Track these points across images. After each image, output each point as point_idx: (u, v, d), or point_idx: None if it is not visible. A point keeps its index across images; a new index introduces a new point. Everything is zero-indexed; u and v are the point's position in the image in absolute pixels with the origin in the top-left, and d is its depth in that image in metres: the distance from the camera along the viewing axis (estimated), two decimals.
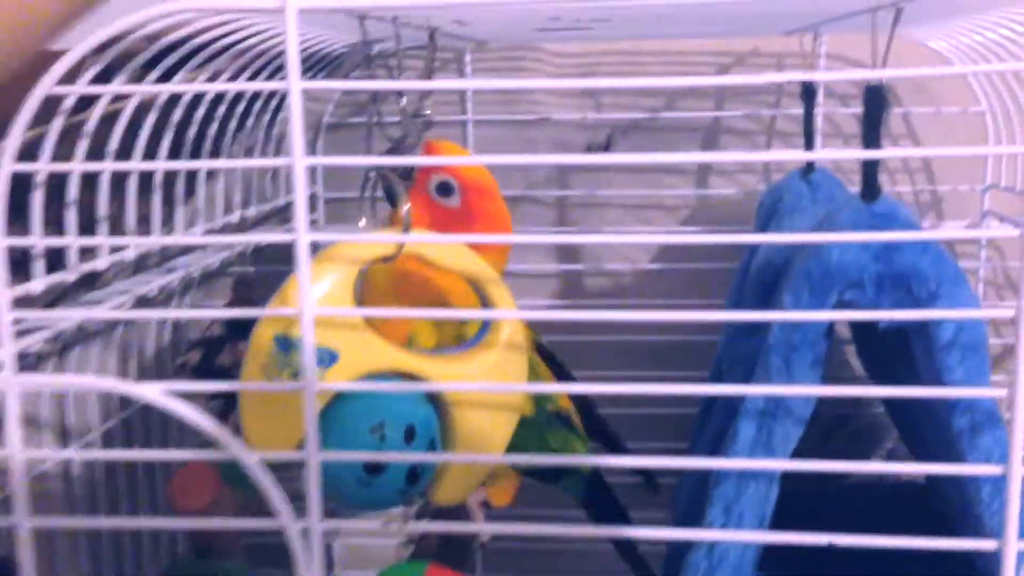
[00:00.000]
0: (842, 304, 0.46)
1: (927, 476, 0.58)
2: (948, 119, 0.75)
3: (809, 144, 0.68)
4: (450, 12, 0.44)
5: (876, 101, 0.47)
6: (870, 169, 0.48)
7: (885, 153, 0.48)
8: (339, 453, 0.38)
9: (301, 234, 0.36)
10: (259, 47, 0.49)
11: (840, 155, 0.41)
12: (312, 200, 0.75)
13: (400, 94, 0.47)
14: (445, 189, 0.49)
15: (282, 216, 0.72)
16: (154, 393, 0.38)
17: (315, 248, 0.38)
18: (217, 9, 0.38)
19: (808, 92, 0.68)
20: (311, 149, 0.75)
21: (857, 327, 0.63)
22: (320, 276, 0.39)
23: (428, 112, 0.50)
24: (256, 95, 0.57)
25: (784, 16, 0.59)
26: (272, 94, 0.60)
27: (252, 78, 0.51)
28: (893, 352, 0.56)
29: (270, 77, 0.54)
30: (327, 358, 0.39)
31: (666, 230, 0.78)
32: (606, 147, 0.77)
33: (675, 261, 0.78)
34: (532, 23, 0.56)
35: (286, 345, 0.38)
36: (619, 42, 0.76)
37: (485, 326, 0.43)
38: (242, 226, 0.61)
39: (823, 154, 0.46)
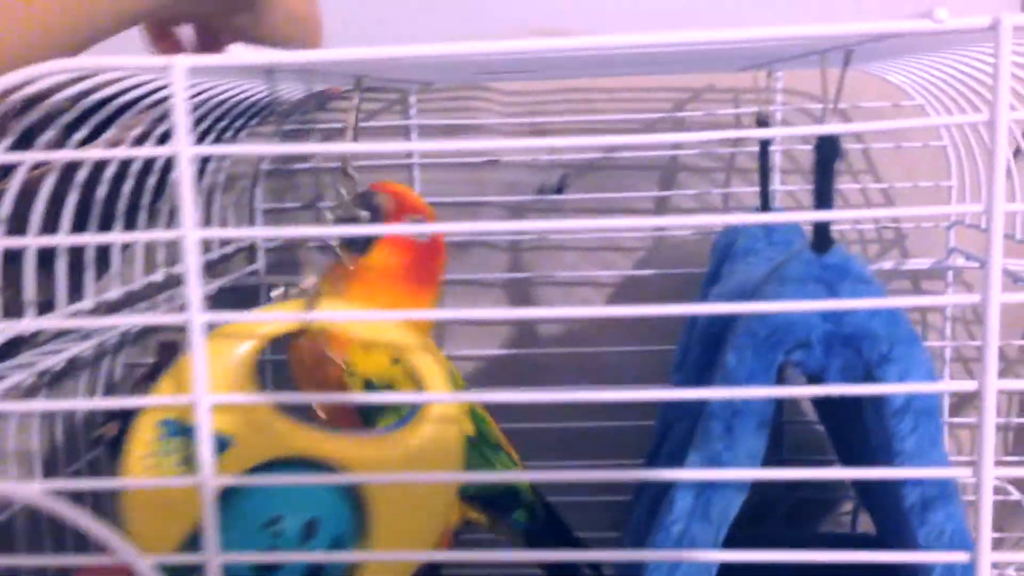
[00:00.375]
0: (789, 365, 0.43)
1: (882, 538, 0.55)
2: (910, 153, 0.73)
3: (765, 184, 0.65)
4: (358, 66, 0.41)
5: (828, 152, 0.45)
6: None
7: (839, 215, 0.46)
8: (240, 555, 0.35)
9: (194, 314, 0.33)
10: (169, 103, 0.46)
11: (794, 217, 0.39)
12: (252, 250, 0.72)
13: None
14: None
15: (219, 268, 0.69)
16: (33, 494, 0.35)
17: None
18: (98, 69, 0.35)
19: (763, 126, 0.65)
20: (249, 196, 0.72)
21: (808, 379, 0.60)
22: (218, 355, 0.36)
23: (351, 172, 0.47)
24: None
25: (735, 57, 0.57)
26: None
27: (165, 136, 0.49)
28: (845, 409, 0.54)
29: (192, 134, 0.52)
30: (219, 444, 0.36)
31: (622, 273, 0.76)
32: (559, 190, 0.74)
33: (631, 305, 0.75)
34: (466, 68, 0.53)
35: (173, 429, 0.35)
36: (572, 80, 0.74)
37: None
38: (169, 283, 0.58)
39: (775, 217, 0.44)
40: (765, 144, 0.65)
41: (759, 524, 0.75)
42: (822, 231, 0.46)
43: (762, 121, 0.65)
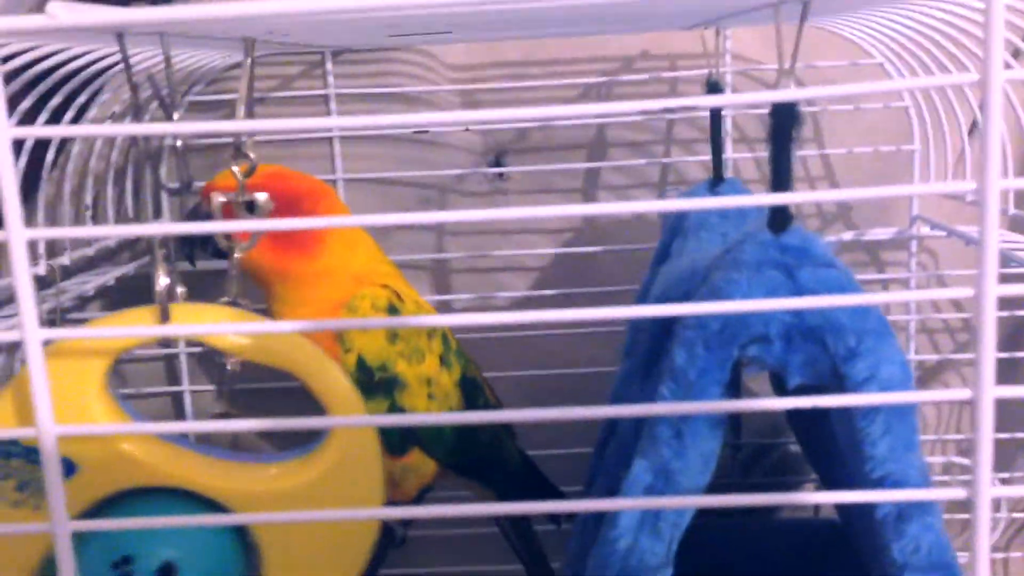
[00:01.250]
0: (745, 360, 0.38)
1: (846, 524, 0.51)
2: (868, 115, 0.68)
3: (717, 153, 0.60)
4: (227, 25, 0.35)
5: (785, 120, 0.40)
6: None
7: (800, 197, 0.41)
8: None
9: (29, 330, 0.27)
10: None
11: (752, 201, 0.34)
12: None
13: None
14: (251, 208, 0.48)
15: (122, 256, 0.62)
16: None
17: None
18: None
19: (714, 91, 0.60)
20: (154, 176, 0.65)
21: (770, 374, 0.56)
22: (63, 375, 0.30)
23: (251, 156, 0.41)
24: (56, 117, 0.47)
25: (682, 13, 0.51)
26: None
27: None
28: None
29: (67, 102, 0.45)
30: (63, 469, 0.30)
31: (564, 250, 0.70)
32: (498, 162, 0.68)
33: (564, 285, 0.69)
34: (372, 31, 0.47)
35: (6, 450, 0.30)
36: (505, 51, 0.67)
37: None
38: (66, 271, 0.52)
39: (731, 201, 0.38)
40: (716, 111, 0.60)
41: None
42: (779, 209, 0.41)
43: (713, 84, 0.60)
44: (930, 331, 0.75)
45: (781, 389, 0.55)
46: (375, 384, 0.50)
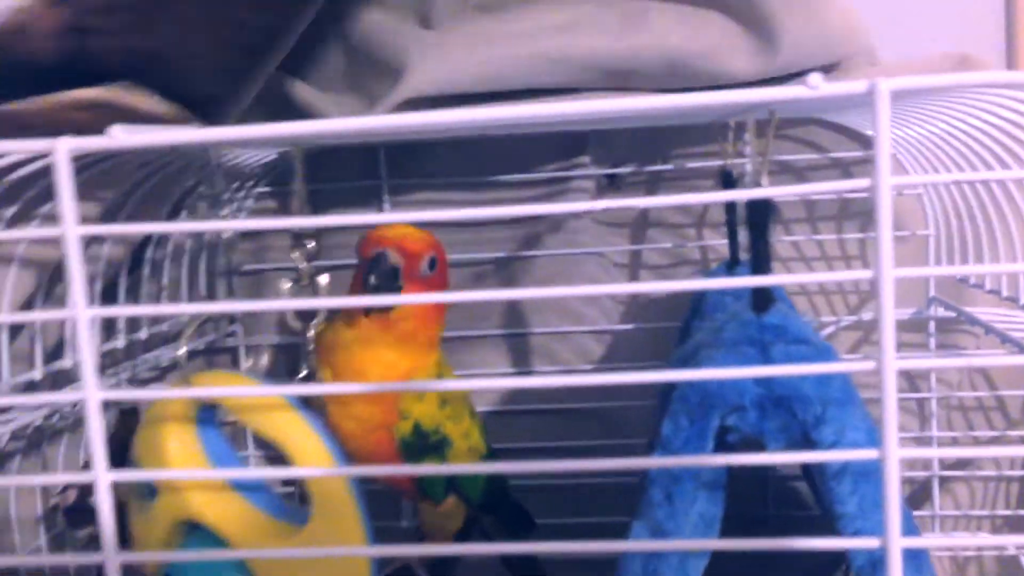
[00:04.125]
0: (725, 429, 0.42)
1: None
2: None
3: (732, 238, 0.65)
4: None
5: (761, 214, 0.45)
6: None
7: (776, 280, 0.46)
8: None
9: (90, 391, 0.33)
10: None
11: (731, 283, 0.38)
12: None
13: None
14: (433, 264, 0.53)
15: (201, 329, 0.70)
16: None
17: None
18: None
19: (728, 183, 0.65)
20: (227, 259, 0.73)
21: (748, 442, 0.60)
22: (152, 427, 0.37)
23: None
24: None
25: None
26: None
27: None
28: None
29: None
30: (150, 492, 0.39)
31: (611, 328, 0.75)
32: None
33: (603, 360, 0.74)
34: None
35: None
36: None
37: None
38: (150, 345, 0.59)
39: (716, 283, 0.43)
40: (731, 183, 0.65)
41: None
42: (760, 292, 0.46)
43: (727, 175, 0.64)
44: (965, 408, 0.76)
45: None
46: (430, 446, 0.54)
